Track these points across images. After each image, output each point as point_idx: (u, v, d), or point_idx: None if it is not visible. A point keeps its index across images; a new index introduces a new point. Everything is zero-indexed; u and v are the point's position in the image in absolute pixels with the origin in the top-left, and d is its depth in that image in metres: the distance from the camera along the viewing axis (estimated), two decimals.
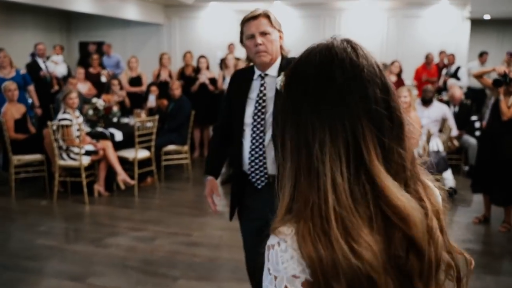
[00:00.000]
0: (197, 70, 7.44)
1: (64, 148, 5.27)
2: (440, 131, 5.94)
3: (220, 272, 3.67)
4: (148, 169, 5.82)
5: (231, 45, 8.75)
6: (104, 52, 9.23)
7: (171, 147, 6.29)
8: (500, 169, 4.39)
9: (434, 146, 5.55)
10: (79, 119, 5.39)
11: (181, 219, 4.78)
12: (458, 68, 8.71)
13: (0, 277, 3.54)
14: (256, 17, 2.25)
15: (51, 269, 3.73)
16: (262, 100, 2.30)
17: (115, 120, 6.40)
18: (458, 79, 8.47)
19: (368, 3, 10.20)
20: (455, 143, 6.06)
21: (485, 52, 9.08)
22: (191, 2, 10.59)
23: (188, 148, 6.42)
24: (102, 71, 8.33)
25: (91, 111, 5.92)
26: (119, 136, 5.77)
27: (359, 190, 0.72)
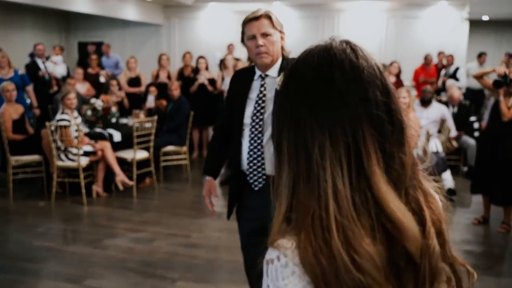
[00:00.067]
0: (196, 71, 7.43)
1: (62, 148, 5.26)
2: (439, 132, 5.93)
3: (219, 273, 3.66)
4: (147, 170, 5.81)
5: (230, 45, 8.74)
6: (103, 52, 9.20)
7: (170, 147, 6.28)
8: (500, 170, 4.38)
9: (433, 146, 5.56)
10: (78, 120, 5.38)
11: (180, 220, 4.77)
12: (457, 69, 8.71)
13: None
14: (258, 18, 2.24)
15: (49, 271, 3.71)
16: (262, 100, 2.30)
17: (113, 120, 6.38)
18: (457, 79, 8.47)
19: (367, 4, 10.21)
20: (454, 143, 6.06)
21: (484, 53, 9.08)
22: (190, 3, 10.58)
23: (187, 148, 6.41)
24: (101, 71, 8.30)
25: (89, 112, 5.90)
26: (117, 136, 5.75)
27: (360, 197, 0.70)
